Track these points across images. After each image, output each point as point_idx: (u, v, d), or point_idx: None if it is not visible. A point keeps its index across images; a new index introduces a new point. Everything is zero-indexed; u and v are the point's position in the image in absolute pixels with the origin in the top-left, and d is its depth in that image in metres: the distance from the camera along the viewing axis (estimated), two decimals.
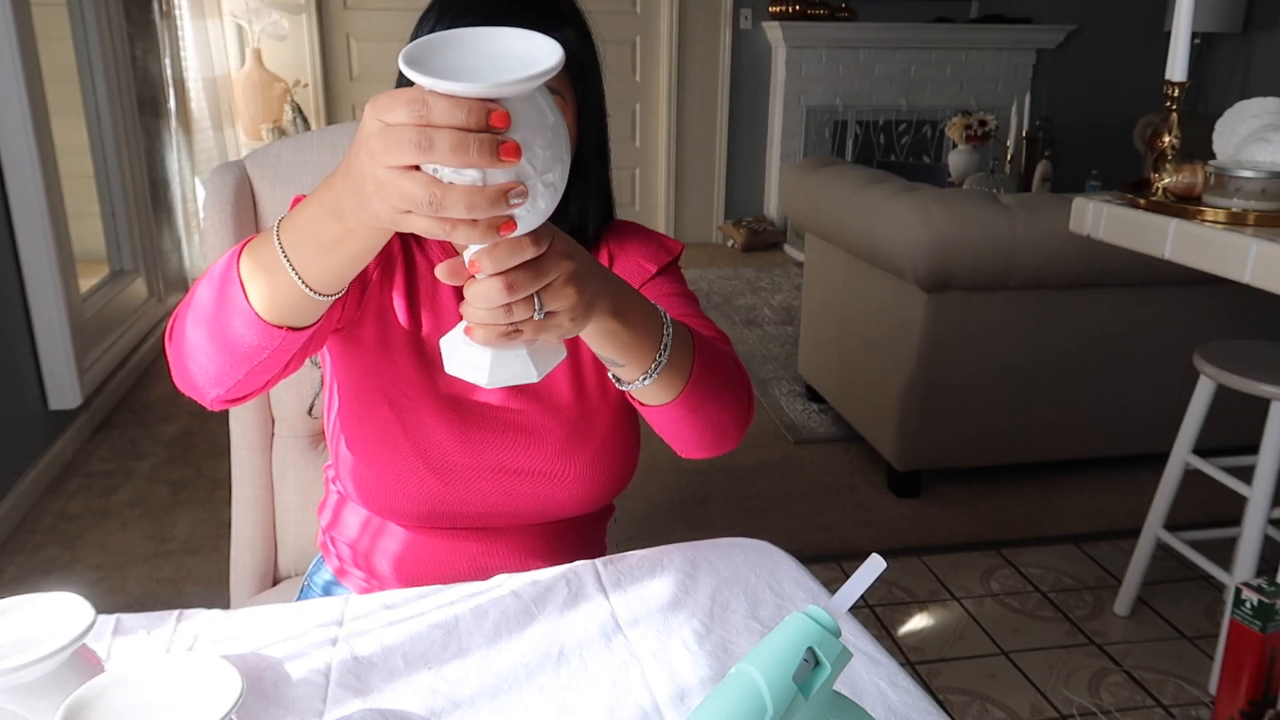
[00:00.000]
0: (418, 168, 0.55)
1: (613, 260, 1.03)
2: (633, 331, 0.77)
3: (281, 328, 0.72)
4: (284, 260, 0.68)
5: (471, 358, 0.66)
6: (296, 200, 0.87)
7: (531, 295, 0.64)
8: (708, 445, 0.91)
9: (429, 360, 0.96)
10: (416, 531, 1.02)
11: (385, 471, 0.96)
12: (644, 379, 0.80)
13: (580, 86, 0.92)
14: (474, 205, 0.55)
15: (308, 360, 0.99)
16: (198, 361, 0.77)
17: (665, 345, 0.80)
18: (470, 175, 0.55)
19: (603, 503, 1.04)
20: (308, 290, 0.69)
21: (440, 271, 0.63)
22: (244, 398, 0.81)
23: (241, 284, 0.71)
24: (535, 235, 0.61)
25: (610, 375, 0.84)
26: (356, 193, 0.58)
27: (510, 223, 0.57)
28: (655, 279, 1.02)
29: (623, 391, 0.89)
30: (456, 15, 0.87)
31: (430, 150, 0.53)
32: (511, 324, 0.64)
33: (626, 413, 1.03)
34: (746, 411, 0.92)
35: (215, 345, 0.75)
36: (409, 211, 0.56)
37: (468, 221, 0.56)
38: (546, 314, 0.65)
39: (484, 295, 0.61)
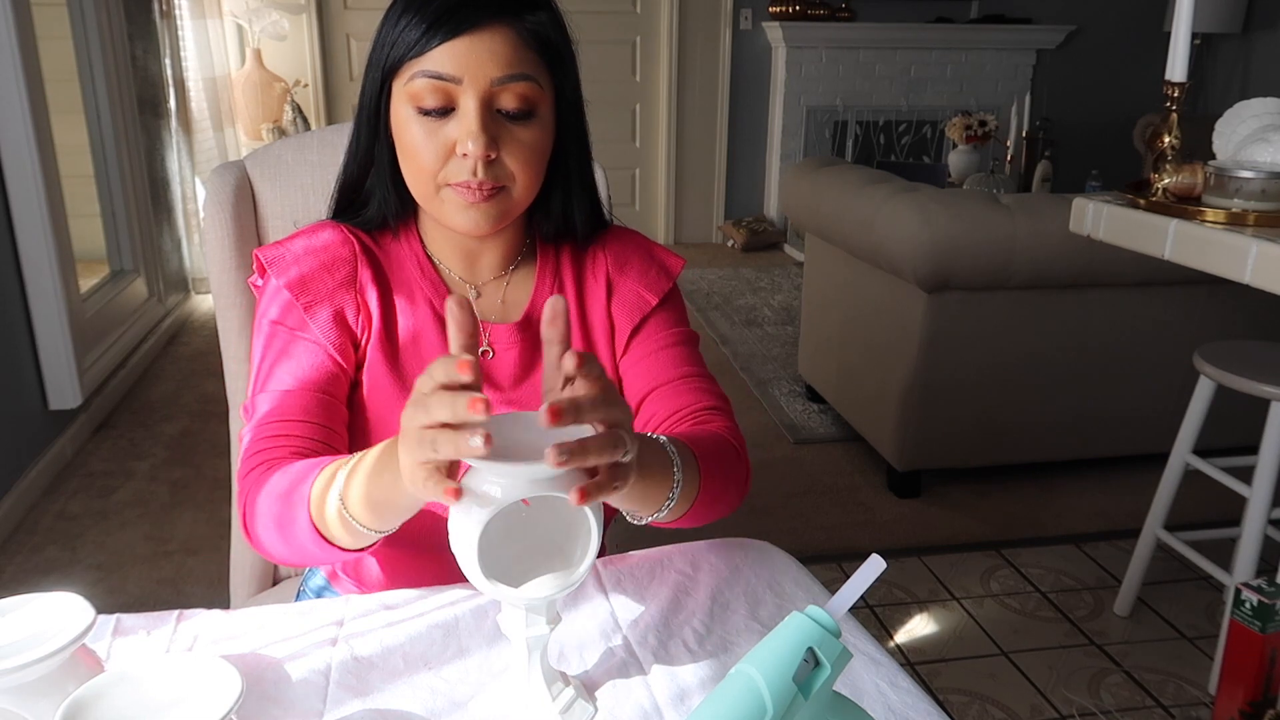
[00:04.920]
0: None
1: (611, 286, 1.00)
2: (647, 484, 0.77)
3: (364, 548, 0.80)
4: (352, 521, 0.75)
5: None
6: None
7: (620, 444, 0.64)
8: (697, 524, 0.91)
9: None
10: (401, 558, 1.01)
11: None
12: (650, 518, 0.81)
13: (557, 73, 0.90)
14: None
15: None
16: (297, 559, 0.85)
17: (677, 483, 0.80)
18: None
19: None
20: (375, 532, 0.76)
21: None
22: None
23: (327, 538, 0.78)
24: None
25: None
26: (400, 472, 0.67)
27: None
28: (657, 312, 1.00)
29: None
30: (424, 2, 0.85)
31: (437, 449, 0.61)
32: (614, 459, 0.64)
33: None
34: (740, 498, 0.92)
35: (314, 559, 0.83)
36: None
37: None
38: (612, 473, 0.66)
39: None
